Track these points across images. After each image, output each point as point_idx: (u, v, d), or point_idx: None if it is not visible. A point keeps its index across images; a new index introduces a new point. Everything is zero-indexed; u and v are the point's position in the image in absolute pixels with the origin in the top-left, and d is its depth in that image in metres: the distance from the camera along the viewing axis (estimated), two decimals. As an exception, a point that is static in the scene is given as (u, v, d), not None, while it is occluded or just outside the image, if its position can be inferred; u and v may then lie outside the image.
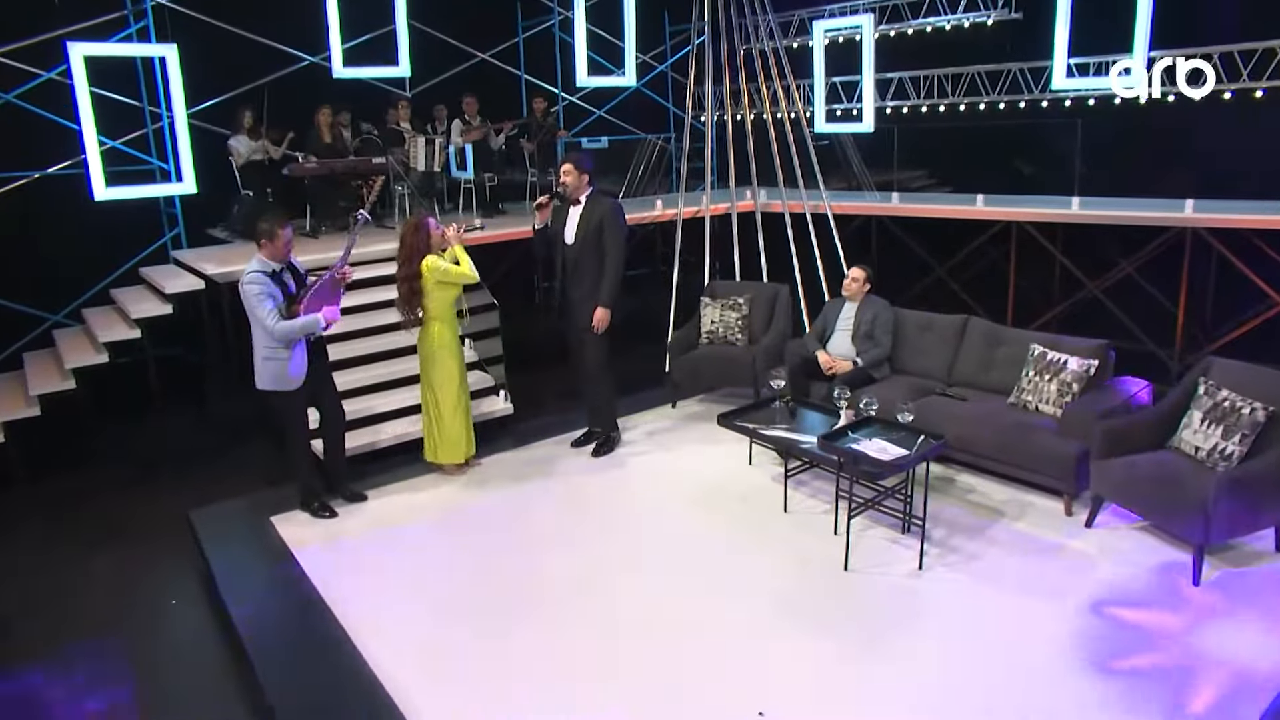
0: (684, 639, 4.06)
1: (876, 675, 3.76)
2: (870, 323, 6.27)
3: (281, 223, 5.00)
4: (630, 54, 10.37)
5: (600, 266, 5.86)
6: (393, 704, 3.66)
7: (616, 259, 5.89)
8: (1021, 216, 8.16)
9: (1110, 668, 3.75)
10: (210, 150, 8.80)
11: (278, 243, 4.97)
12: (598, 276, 5.86)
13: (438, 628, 4.25)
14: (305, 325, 4.90)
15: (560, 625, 4.22)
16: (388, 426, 6.37)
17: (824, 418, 5.48)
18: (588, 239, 5.82)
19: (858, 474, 4.86)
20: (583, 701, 3.67)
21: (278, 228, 4.96)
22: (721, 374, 6.88)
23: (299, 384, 5.05)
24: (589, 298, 5.88)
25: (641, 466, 6.02)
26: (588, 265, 5.85)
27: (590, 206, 5.83)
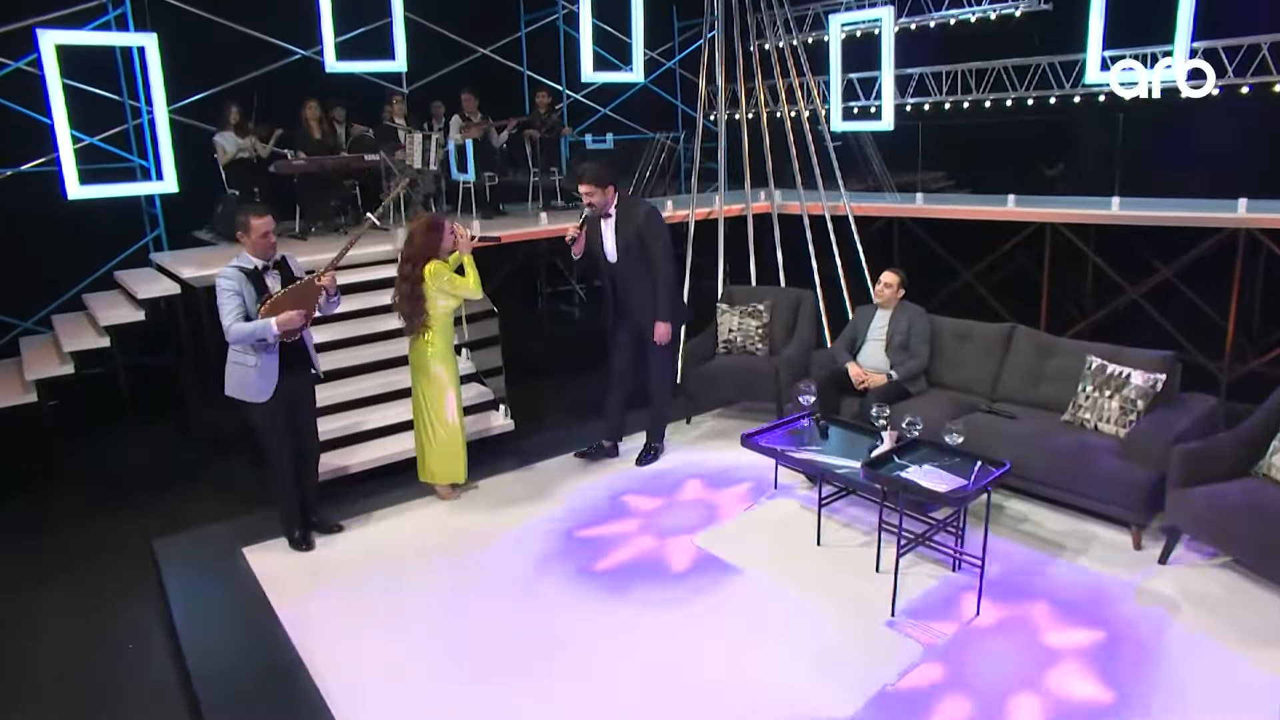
0: (704, 705, 3.43)
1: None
2: (905, 332, 5.64)
3: (258, 213, 4.39)
4: (638, 49, 9.77)
5: (650, 277, 5.35)
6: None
7: (667, 269, 5.41)
8: (1057, 218, 7.53)
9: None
10: (195, 148, 8.20)
11: (253, 235, 4.37)
12: (651, 287, 5.37)
13: (423, 686, 3.61)
14: (253, 331, 4.27)
15: (558, 683, 3.58)
16: (378, 444, 5.73)
17: (859, 438, 4.87)
18: (630, 252, 5.35)
19: (907, 506, 4.22)
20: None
21: (251, 217, 4.36)
22: (741, 387, 6.25)
23: (266, 397, 4.43)
24: (646, 308, 5.40)
25: (657, 491, 5.38)
26: (637, 278, 5.38)
27: (624, 217, 5.32)
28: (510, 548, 4.74)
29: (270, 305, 4.30)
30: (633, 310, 5.47)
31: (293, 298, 4.37)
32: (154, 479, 5.96)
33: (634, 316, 5.48)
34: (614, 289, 5.52)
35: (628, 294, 5.46)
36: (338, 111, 8.69)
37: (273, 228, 4.42)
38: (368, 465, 5.56)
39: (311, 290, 4.45)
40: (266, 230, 4.39)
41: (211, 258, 7.03)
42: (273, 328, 4.25)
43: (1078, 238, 7.61)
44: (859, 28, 9.83)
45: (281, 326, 4.27)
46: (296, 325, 4.35)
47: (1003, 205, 7.88)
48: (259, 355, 4.38)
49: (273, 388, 4.42)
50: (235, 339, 4.31)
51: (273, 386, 4.42)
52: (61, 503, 5.71)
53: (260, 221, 4.37)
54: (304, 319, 4.41)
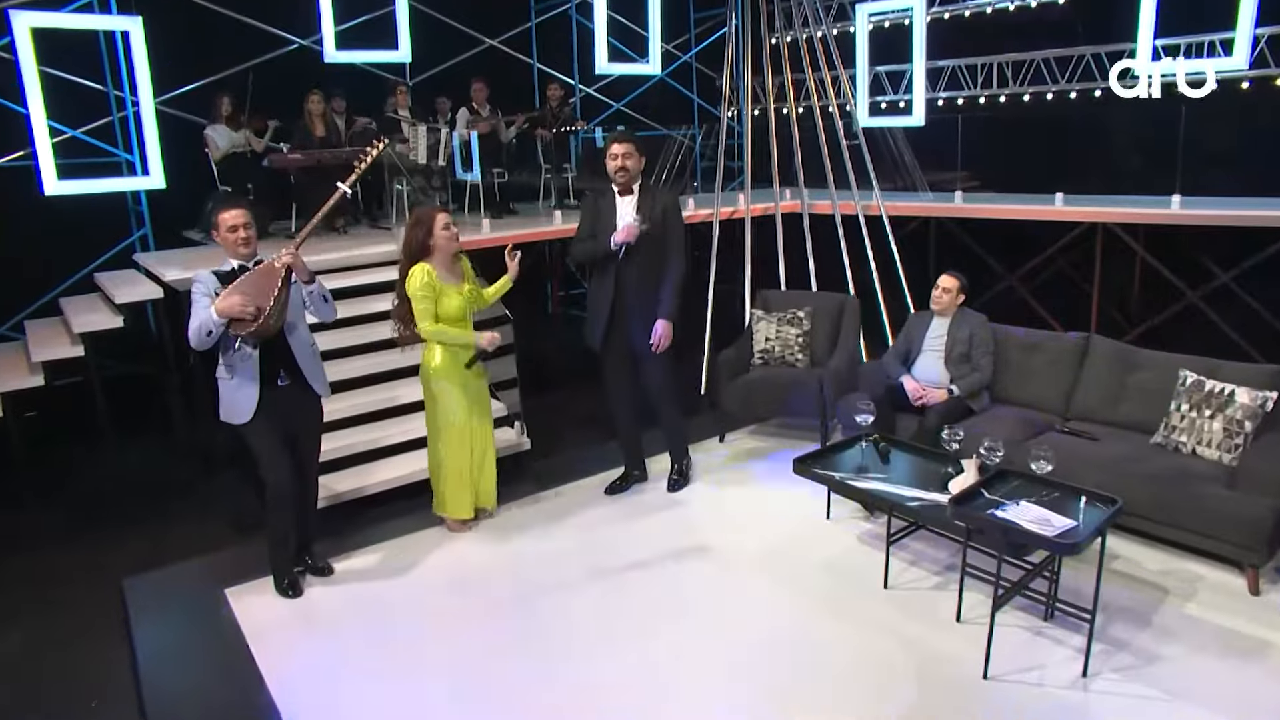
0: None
1: None
2: (966, 342, 4.99)
3: (225, 205, 3.78)
4: (655, 39, 9.14)
5: (659, 273, 4.64)
6: None
7: (680, 263, 4.72)
8: (1111, 217, 6.89)
9: None
10: (186, 142, 7.57)
11: (220, 230, 3.77)
12: (657, 285, 4.65)
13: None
14: (200, 325, 3.61)
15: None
16: (384, 466, 5.07)
17: (926, 463, 4.23)
18: (646, 237, 4.59)
19: (1003, 549, 3.56)
20: None
21: (219, 210, 3.77)
22: (781, 402, 5.58)
23: (246, 418, 3.78)
24: (649, 309, 4.67)
25: (690, 523, 4.72)
26: (647, 270, 4.64)
27: (645, 198, 4.61)
28: (527, 589, 4.08)
29: (228, 290, 3.64)
30: (631, 309, 4.68)
31: (247, 283, 3.68)
32: (130, 503, 5.28)
33: (630, 318, 4.69)
34: (615, 283, 4.68)
35: (630, 288, 4.65)
36: (338, 103, 8.04)
37: (244, 222, 3.78)
38: (373, 490, 4.89)
39: (270, 272, 3.73)
40: (236, 224, 3.74)
41: (199, 259, 6.37)
42: (211, 313, 3.58)
43: (1132, 239, 6.97)
44: (888, 18, 9.21)
45: (223, 311, 3.56)
46: (239, 309, 3.58)
47: (1049, 204, 7.24)
48: (231, 365, 3.75)
49: (252, 406, 3.77)
50: (191, 338, 3.69)
51: (252, 404, 3.77)
52: (24, 530, 5.04)
53: (227, 215, 3.74)
54: (253, 308, 3.60)
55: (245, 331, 3.65)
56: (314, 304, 3.94)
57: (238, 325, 3.63)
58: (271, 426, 3.82)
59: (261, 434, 3.81)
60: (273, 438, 3.84)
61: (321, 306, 3.97)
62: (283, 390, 3.83)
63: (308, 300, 3.91)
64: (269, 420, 3.80)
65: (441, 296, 4.29)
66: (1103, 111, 8.01)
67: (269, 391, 3.78)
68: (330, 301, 4.01)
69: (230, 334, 3.64)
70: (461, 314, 4.35)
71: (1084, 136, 8.19)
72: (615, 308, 4.72)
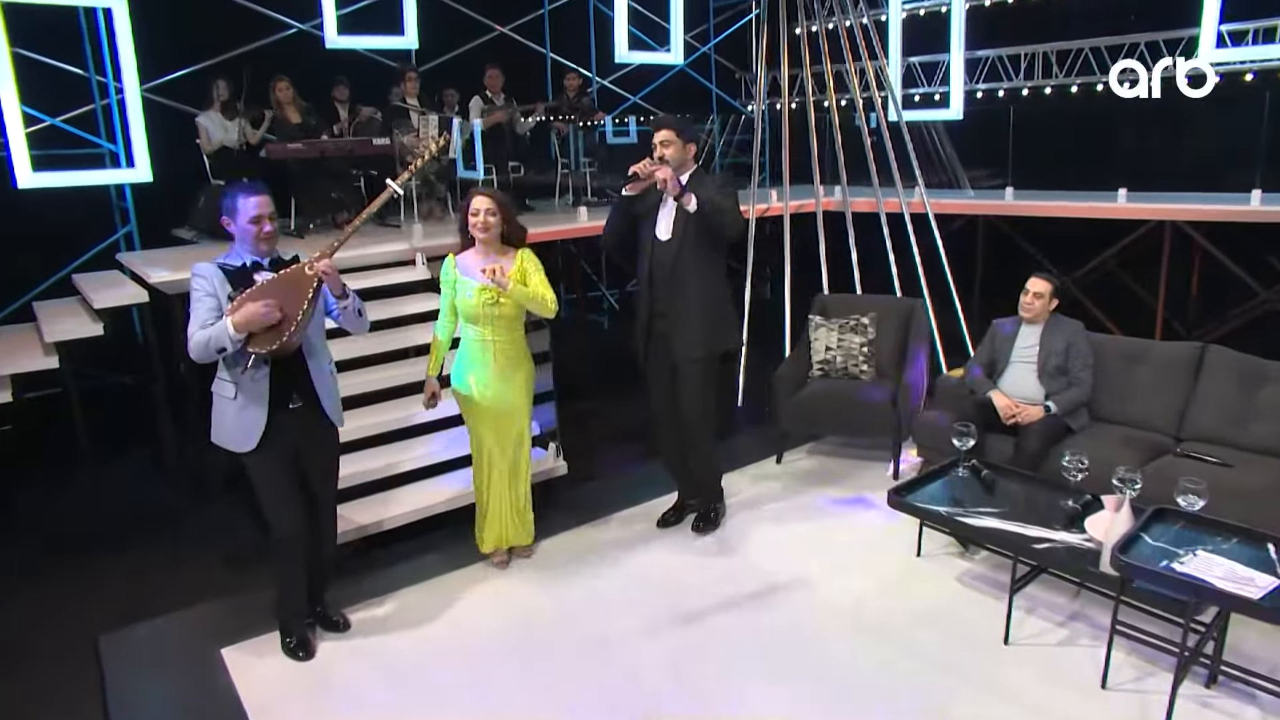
0: None
1: None
2: (1063, 353, 4.36)
3: (247, 190, 3.08)
4: (677, 27, 8.51)
5: (705, 274, 3.96)
6: None
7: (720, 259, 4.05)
8: (1184, 215, 6.29)
9: None
10: (174, 132, 6.87)
11: (240, 218, 3.06)
12: (703, 286, 3.95)
13: None
14: (210, 337, 2.95)
15: None
16: (406, 494, 4.39)
17: (1039, 494, 3.63)
18: (690, 235, 3.89)
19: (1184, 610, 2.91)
20: None
21: (239, 195, 3.07)
22: (847, 419, 4.92)
23: (250, 445, 3.09)
24: (691, 317, 3.96)
25: (760, 563, 4.05)
26: (689, 272, 3.93)
27: (698, 189, 3.86)
28: (584, 643, 3.42)
29: (239, 301, 2.97)
30: (671, 317, 3.97)
31: (270, 291, 3.01)
32: (109, 535, 4.56)
33: (671, 327, 3.99)
34: (651, 285, 4.00)
35: (672, 290, 3.94)
36: (341, 91, 7.35)
37: (269, 212, 3.09)
38: (394, 523, 4.20)
39: (299, 281, 3.06)
40: (260, 214, 3.06)
41: (189, 258, 5.61)
42: (228, 326, 2.91)
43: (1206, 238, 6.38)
44: (924, 7, 8.61)
45: (242, 325, 2.91)
46: (262, 322, 2.92)
47: (1111, 201, 6.64)
48: (238, 382, 3.07)
49: (258, 431, 3.08)
50: (193, 350, 3.00)
51: (258, 429, 3.08)
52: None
53: (250, 202, 3.05)
54: (282, 319, 2.95)
55: (267, 349, 2.97)
56: (347, 319, 3.29)
57: (259, 340, 2.96)
58: (280, 458, 3.14)
59: (268, 466, 3.13)
60: (281, 471, 3.16)
61: (355, 321, 3.31)
62: (294, 414, 3.15)
63: (339, 314, 3.26)
64: (277, 450, 3.12)
65: (456, 291, 3.70)
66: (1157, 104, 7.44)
67: (279, 415, 3.10)
68: (365, 315, 3.35)
69: (246, 350, 2.96)
70: (476, 313, 3.67)
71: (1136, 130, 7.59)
72: (654, 314, 4.06)
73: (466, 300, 3.63)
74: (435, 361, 3.82)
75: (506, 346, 3.74)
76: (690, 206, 3.83)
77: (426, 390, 3.82)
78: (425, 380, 3.83)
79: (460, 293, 3.65)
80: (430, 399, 3.82)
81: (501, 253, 3.71)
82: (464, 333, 3.73)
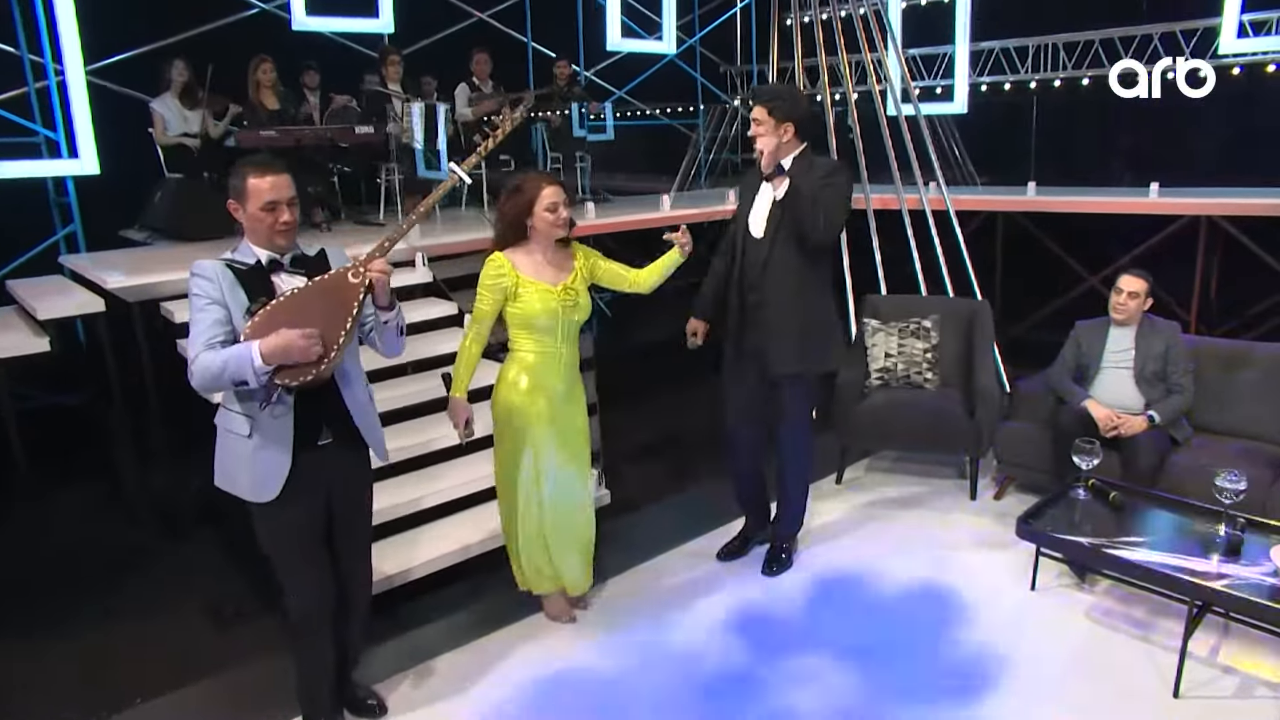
0: None
1: None
2: (1161, 358, 3.90)
3: (260, 168, 2.36)
4: (670, 12, 7.96)
5: (807, 278, 3.37)
6: None
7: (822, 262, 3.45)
8: (1223, 210, 5.95)
9: None
10: (123, 119, 6.05)
11: (250, 203, 2.34)
12: (800, 294, 3.36)
13: None
14: (224, 366, 2.20)
15: None
16: (433, 533, 3.68)
17: (1179, 520, 3.15)
18: (784, 232, 3.28)
19: None
20: None
21: (249, 175, 2.34)
22: (918, 432, 4.36)
23: (269, 495, 2.37)
24: (784, 329, 3.36)
25: (846, 599, 3.49)
26: (783, 276, 3.33)
27: (803, 175, 3.25)
28: (675, 712, 2.80)
29: (264, 317, 2.25)
30: (765, 323, 3.39)
31: (306, 305, 2.30)
32: (56, 587, 3.74)
33: (764, 334, 3.40)
34: (740, 288, 3.42)
35: (761, 298, 3.37)
36: (310, 77, 6.59)
37: (287, 197, 2.38)
38: (423, 570, 3.49)
39: (341, 291, 2.37)
40: (276, 199, 2.35)
41: (148, 261, 4.89)
42: (254, 357, 2.19)
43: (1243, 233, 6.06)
44: (925, -4, 8.21)
45: (273, 355, 2.20)
46: (300, 354, 2.22)
47: (1143, 196, 6.27)
48: (254, 416, 2.35)
49: (280, 477, 2.37)
50: (198, 379, 2.25)
51: (280, 475, 2.37)
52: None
53: (263, 182, 2.34)
54: (317, 348, 2.25)
55: (298, 380, 2.27)
56: (384, 337, 2.55)
57: (290, 372, 2.25)
58: (307, 510, 2.45)
59: (291, 523, 2.43)
60: (306, 528, 2.46)
61: (393, 341, 2.58)
62: (323, 452, 2.46)
63: (375, 331, 2.54)
64: (303, 500, 2.43)
65: (520, 294, 2.97)
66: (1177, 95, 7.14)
67: (305, 455, 2.40)
68: (404, 334, 2.64)
69: (272, 381, 2.25)
70: (546, 321, 3.02)
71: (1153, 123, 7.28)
72: (743, 318, 3.47)
73: (531, 306, 2.97)
74: (464, 379, 3.07)
75: (571, 359, 3.11)
76: (777, 192, 3.25)
77: (457, 415, 3.05)
78: (450, 403, 3.06)
79: (521, 298, 2.98)
80: (466, 428, 3.11)
81: (557, 251, 3.08)
82: (518, 345, 3.06)
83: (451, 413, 3.05)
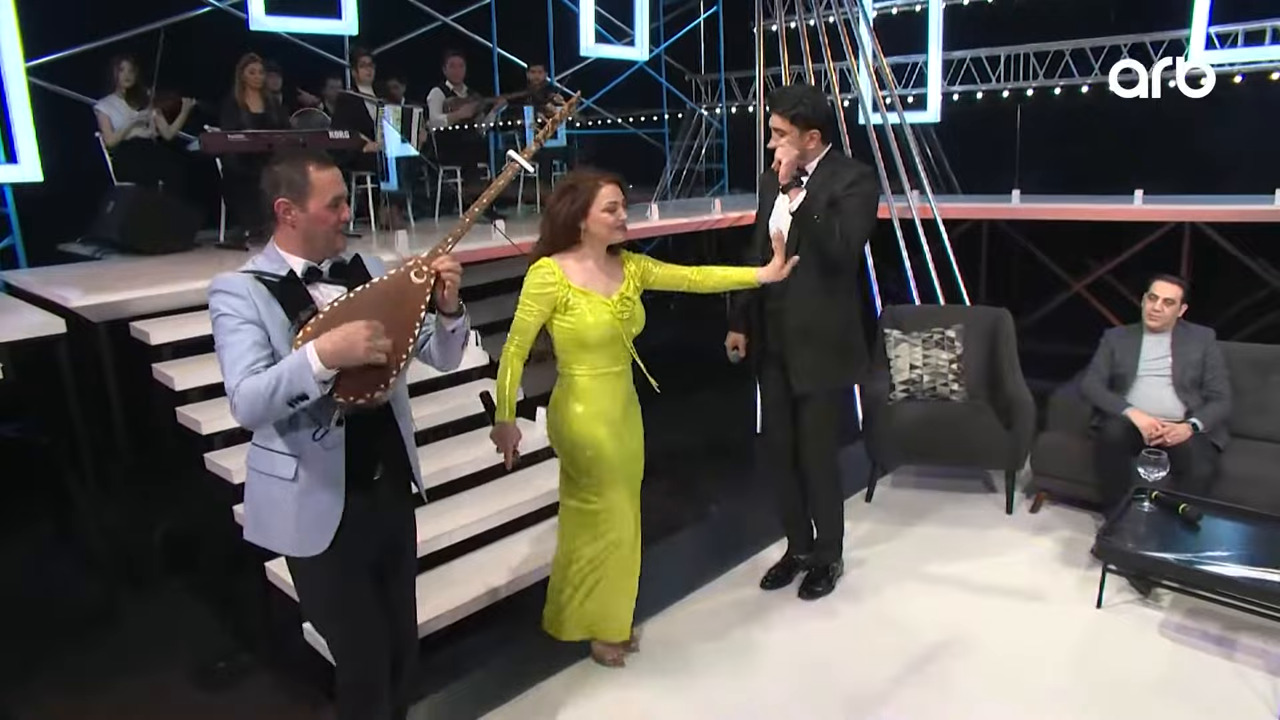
0: None
1: None
2: (1199, 364, 3.82)
3: (316, 159, 2.02)
4: (642, 18, 7.77)
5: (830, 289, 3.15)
6: None
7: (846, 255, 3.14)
8: (1206, 216, 6.01)
9: None
10: (67, 122, 5.56)
11: (313, 201, 1.98)
12: (822, 307, 3.15)
13: None
14: (275, 383, 1.83)
15: None
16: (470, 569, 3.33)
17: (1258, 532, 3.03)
18: (806, 241, 3.04)
19: None
20: None
21: (310, 166, 1.99)
22: (956, 448, 4.20)
23: (318, 549, 2.02)
24: (806, 343, 3.16)
25: (908, 623, 3.27)
26: (805, 287, 3.08)
27: (821, 185, 3.05)
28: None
29: (317, 327, 1.89)
30: (791, 331, 3.17)
31: (363, 312, 1.92)
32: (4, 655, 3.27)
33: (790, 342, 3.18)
34: (764, 291, 3.12)
35: (782, 306, 3.16)
36: (274, 79, 6.16)
37: (345, 193, 2.06)
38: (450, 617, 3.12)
39: (406, 296, 2.01)
40: (340, 192, 2.03)
41: (104, 277, 4.43)
42: (312, 360, 1.82)
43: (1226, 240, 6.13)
44: (896, 6, 8.19)
45: (334, 358, 1.83)
46: (366, 355, 1.84)
47: (1128, 204, 6.31)
48: (299, 453, 1.99)
49: (332, 524, 2.01)
50: (245, 407, 1.86)
51: (331, 522, 2.01)
52: None
53: (326, 174, 2.00)
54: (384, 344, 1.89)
55: (365, 397, 1.92)
56: (448, 347, 2.19)
57: (352, 384, 1.90)
58: (363, 561, 2.11)
59: (344, 578, 2.07)
60: (361, 583, 2.12)
61: (457, 352, 2.23)
62: (374, 491, 2.11)
63: (436, 341, 2.18)
64: (359, 550, 2.08)
65: (571, 306, 2.66)
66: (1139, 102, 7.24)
67: (356, 497, 2.05)
68: (467, 344, 2.32)
69: (336, 399, 1.90)
70: (607, 335, 2.71)
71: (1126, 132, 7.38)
72: (766, 324, 3.26)
73: (584, 319, 2.66)
74: (510, 399, 2.72)
75: (628, 378, 2.83)
76: (791, 204, 3.03)
77: (506, 441, 2.71)
78: (498, 428, 2.71)
79: (573, 310, 2.67)
80: (514, 456, 2.79)
81: (608, 258, 2.79)
82: (569, 367, 2.75)
83: (499, 439, 2.72)
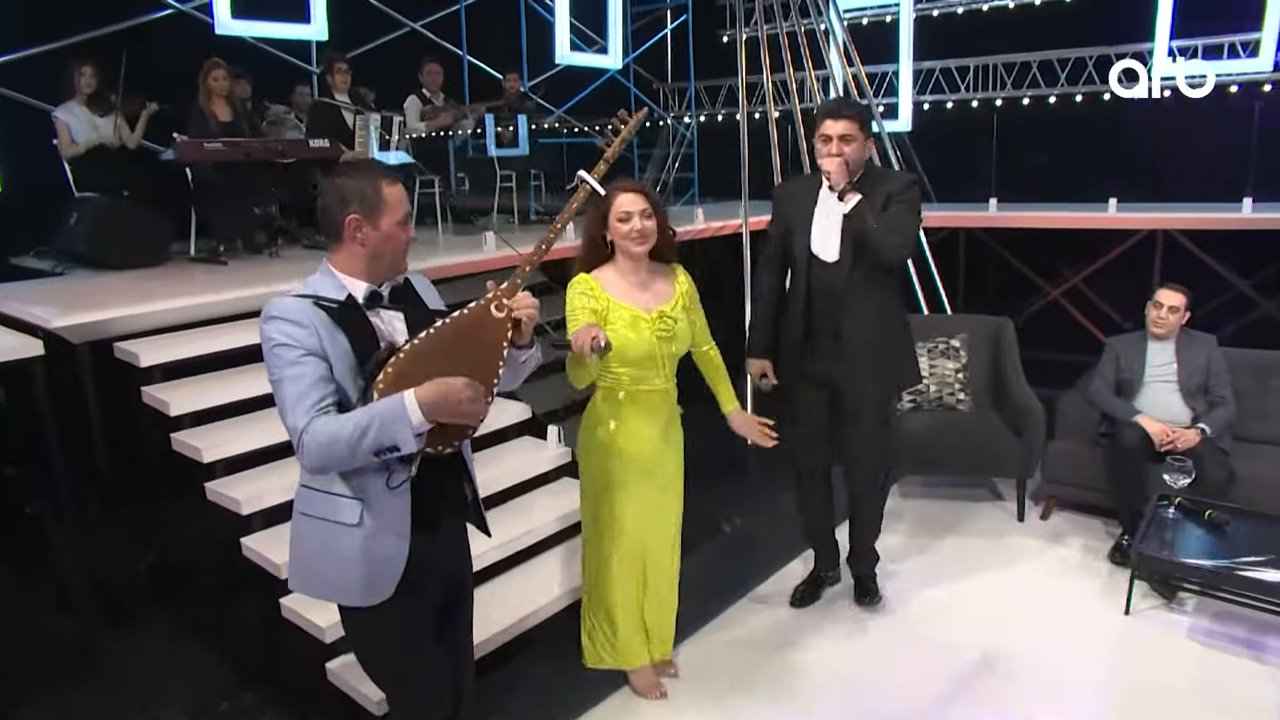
0: None
1: None
2: (1204, 370, 3.89)
3: (387, 175, 1.89)
4: (615, 27, 7.70)
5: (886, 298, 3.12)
6: None
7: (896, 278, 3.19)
8: (1178, 224, 6.15)
9: None
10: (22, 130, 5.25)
11: (385, 219, 1.85)
12: (881, 317, 3.10)
13: None
14: (370, 429, 1.69)
15: None
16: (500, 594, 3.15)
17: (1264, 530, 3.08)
18: (864, 254, 2.98)
19: None
20: None
21: (382, 182, 1.85)
22: (968, 457, 4.20)
23: (380, 596, 1.87)
24: (869, 355, 3.09)
25: (945, 638, 3.24)
26: (864, 300, 3.04)
27: (878, 185, 3.00)
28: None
29: (407, 364, 1.76)
30: (838, 356, 3.09)
31: (450, 350, 1.80)
32: None
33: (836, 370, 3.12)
34: (808, 314, 3.10)
35: (838, 324, 3.06)
36: (242, 86, 5.90)
37: (405, 206, 1.93)
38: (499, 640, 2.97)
39: (487, 332, 1.88)
40: (409, 210, 1.91)
41: (74, 293, 4.17)
42: (412, 411, 1.70)
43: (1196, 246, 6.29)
44: (867, 15, 8.27)
45: (434, 410, 1.72)
46: (467, 412, 1.77)
47: (1102, 211, 6.44)
48: (364, 497, 1.83)
49: (396, 571, 1.86)
50: (322, 457, 1.72)
51: (396, 568, 1.86)
52: None
53: (396, 189, 1.88)
54: (485, 403, 1.81)
55: (455, 445, 1.82)
56: (515, 373, 2.04)
57: (444, 434, 1.78)
58: (431, 609, 1.99)
59: (407, 626, 1.93)
60: (425, 630, 1.98)
61: (521, 377, 2.12)
62: (438, 534, 1.97)
63: (507, 368, 1.99)
64: (421, 595, 1.94)
65: (606, 321, 2.53)
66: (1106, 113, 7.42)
67: (420, 541, 1.89)
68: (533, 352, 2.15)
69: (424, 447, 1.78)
70: (638, 351, 2.58)
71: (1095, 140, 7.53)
72: (810, 347, 3.17)
73: (619, 333, 2.53)
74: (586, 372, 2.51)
75: (670, 396, 2.73)
76: (846, 204, 2.97)
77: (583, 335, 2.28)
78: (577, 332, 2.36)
79: (610, 323, 2.54)
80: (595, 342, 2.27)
81: (653, 271, 2.69)
82: (608, 380, 2.65)
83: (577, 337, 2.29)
